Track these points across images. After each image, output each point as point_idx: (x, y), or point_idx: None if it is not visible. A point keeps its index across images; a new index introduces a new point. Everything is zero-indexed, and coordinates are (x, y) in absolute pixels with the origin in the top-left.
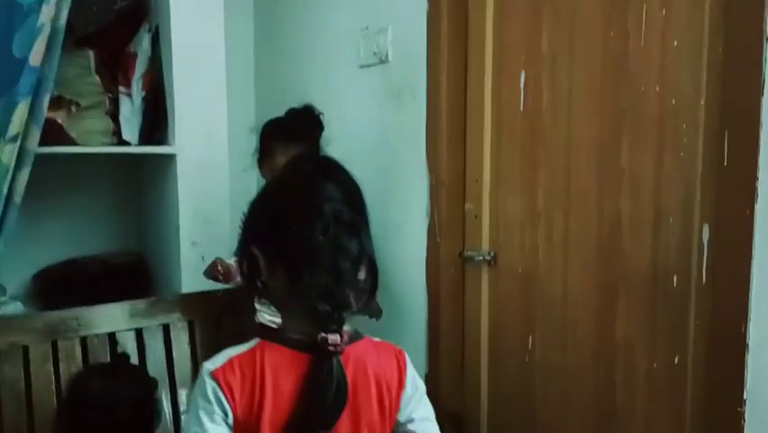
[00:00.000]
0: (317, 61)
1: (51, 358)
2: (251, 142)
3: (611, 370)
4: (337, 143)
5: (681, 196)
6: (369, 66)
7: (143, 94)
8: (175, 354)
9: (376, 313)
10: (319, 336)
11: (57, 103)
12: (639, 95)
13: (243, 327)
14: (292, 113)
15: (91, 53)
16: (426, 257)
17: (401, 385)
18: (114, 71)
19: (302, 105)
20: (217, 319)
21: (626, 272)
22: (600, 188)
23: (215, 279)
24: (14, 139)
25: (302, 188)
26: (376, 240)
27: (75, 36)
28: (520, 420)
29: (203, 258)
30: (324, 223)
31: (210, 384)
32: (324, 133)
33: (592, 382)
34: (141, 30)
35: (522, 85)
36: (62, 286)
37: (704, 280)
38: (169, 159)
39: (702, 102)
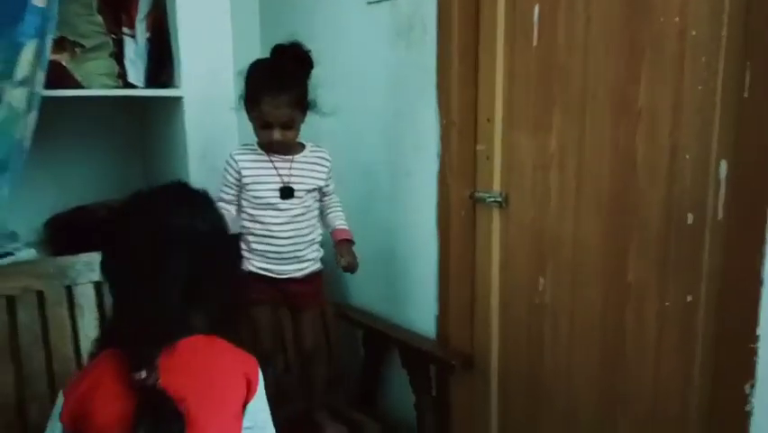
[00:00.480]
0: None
1: (66, 303)
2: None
3: (621, 310)
4: (344, 85)
5: (699, 132)
6: (377, 2)
7: (148, 35)
8: None
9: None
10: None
11: (60, 44)
12: (658, 27)
13: None
14: (279, 50)
15: None
16: (437, 199)
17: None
18: (117, 12)
19: (289, 41)
20: None
21: (640, 212)
22: (616, 127)
23: None
24: (23, 82)
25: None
26: (385, 184)
27: None
28: (529, 361)
29: None
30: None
31: None
32: (321, 74)
33: (601, 322)
34: None
35: (536, 19)
36: (72, 232)
37: (719, 217)
38: (176, 101)
39: (724, 32)
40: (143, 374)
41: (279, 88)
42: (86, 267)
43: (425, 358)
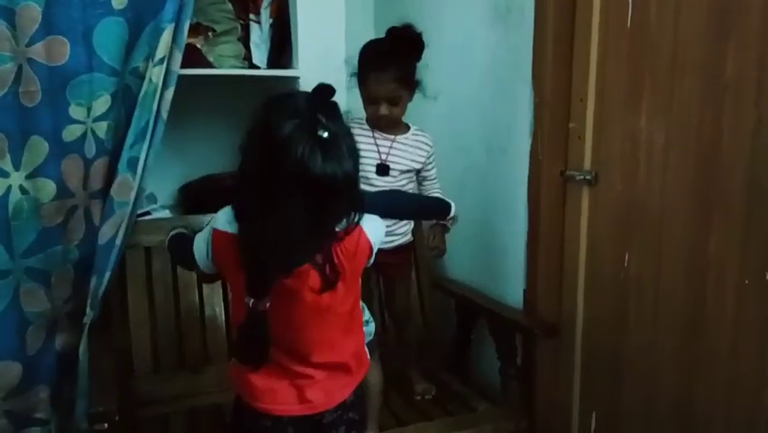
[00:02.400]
0: None
1: None
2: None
3: (702, 286)
4: (442, 66)
5: None
6: None
7: (271, 21)
8: None
9: None
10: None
11: (195, 29)
12: (745, 3)
13: None
14: (391, 32)
15: None
16: (529, 176)
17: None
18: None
19: (402, 24)
20: None
21: (723, 187)
22: (702, 103)
23: None
24: (161, 61)
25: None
26: (479, 161)
27: None
28: (613, 333)
29: None
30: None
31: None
32: (427, 55)
33: (683, 297)
34: None
35: (630, 1)
36: (201, 197)
37: None
38: (293, 81)
39: None
40: (252, 301)
41: (385, 65)
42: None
43: (511, 327)
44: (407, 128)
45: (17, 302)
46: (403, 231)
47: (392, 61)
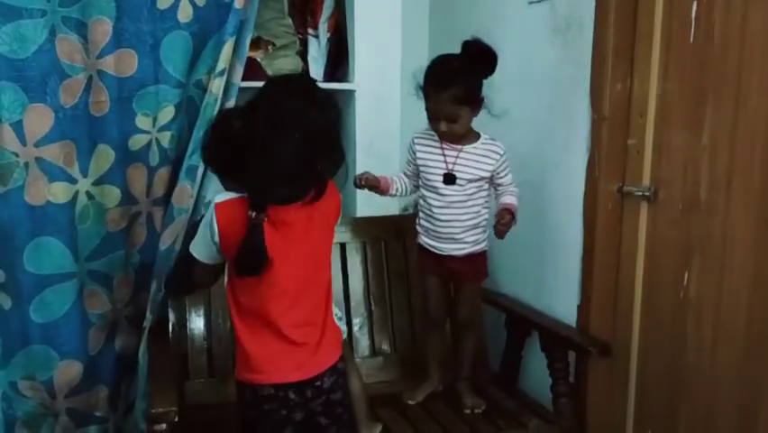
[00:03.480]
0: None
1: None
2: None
3: (766, 311)
4: (502, 80)
5: None
6: (537, 2)
7: (328, 36)
8: (349, 269)
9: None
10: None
11: (255, 43)
12: None
13: (408, 249)
14: (465, 46)
15: None
16: (585, 192)
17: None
18: (304, 14)
19: (473, 38)
20: (385, 241)
21: None
22: None
23: (358, 186)
24: (222, 73)
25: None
26: (534, 177)
27: None
28: (670, 354)
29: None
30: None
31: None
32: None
33: (747, 319)
34: None
35: (693, 16)
36: None
37: None
38: (349, 94)
39: None
40: (253, 214)
41: (440, 85)
42: None
43: (564, 344)
44: (477, 137)
45: (80, 304)
46: (473, 240)
47: (446, 81)
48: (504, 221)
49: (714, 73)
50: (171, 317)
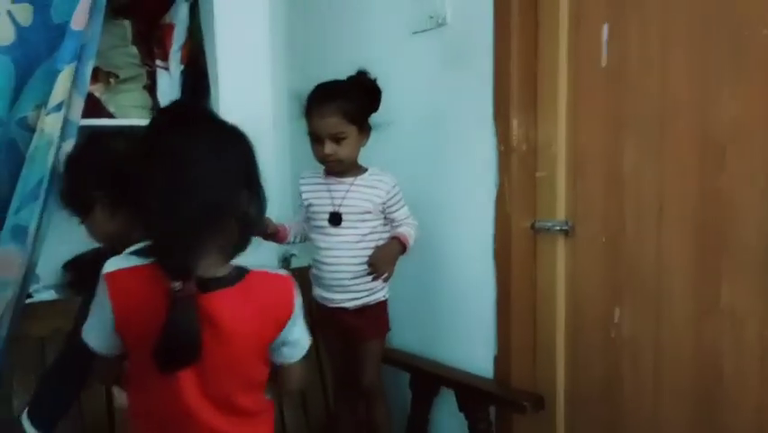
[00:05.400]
0: (364, 29)
1: None
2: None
3: (717, 342)
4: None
5: None
6: (423, 31)
7: (182, 67)
8: None
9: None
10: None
11: (94, 75)
12: (745, 38)
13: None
14: (351, 80)
15: (127, 23)
16: (494, 230)
17: (289, 312)
18: (150, 43)
19: (360, 70)
20: None
21: (734, 230)
22: (702, 145)
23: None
24: (58, 108)
25: (149, 150)
26: (436, 217)
27: (111, 5)
28: (604, 403)
29: None
30: (156, 186)
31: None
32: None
33: (693, 356)
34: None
35: (605, 38)
36: (94, 274)
37: None
38: None
39: None
40: (178, 286)
41: (325, 98)
42: None
43: (486, 400)
44: (365, 171)
45: None
46: (368, 288)
47: (332, 94)
48: (374, 259)
49: (633, 95)
50: None
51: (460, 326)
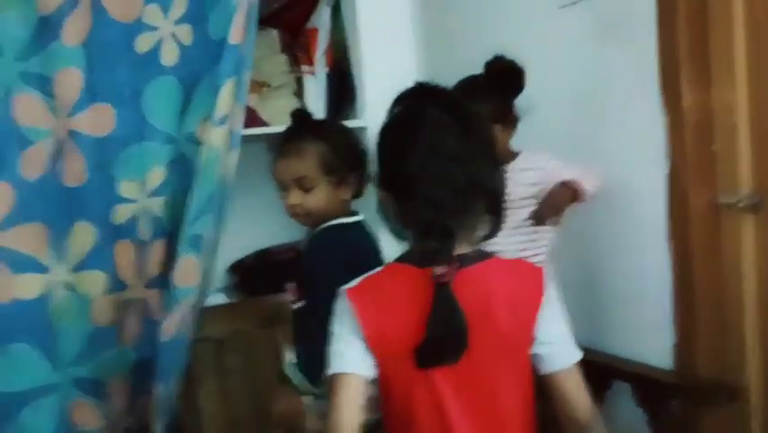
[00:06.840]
0: (506, 9)
1: None
2: None
3: None
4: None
5: None
6: (573, 4)
7: (327, 70)
8: None
9: None
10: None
11: None
12: None
13: None
14: (489, 65)
15: (275, 32)
16: (668, 209)
17: (537, 303)
18: (295, 49)
19: (494, 56)
20: None
21: None
22: None
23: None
24: (223, 121)
25: (400, 122)
26: (598, 200)
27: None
28: None
29: None
30: (420, 154)
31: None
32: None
33: None
34: (320, 3)
35: None
36: (258, 276)
37: None
38: (359, 132)
39: None
40: (443, 269)
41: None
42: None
43: (668, 392)
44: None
45: (66, 422)
46: None
47: (487, 99)
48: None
49: None
50: (183, 419)
51: (628, 314)
